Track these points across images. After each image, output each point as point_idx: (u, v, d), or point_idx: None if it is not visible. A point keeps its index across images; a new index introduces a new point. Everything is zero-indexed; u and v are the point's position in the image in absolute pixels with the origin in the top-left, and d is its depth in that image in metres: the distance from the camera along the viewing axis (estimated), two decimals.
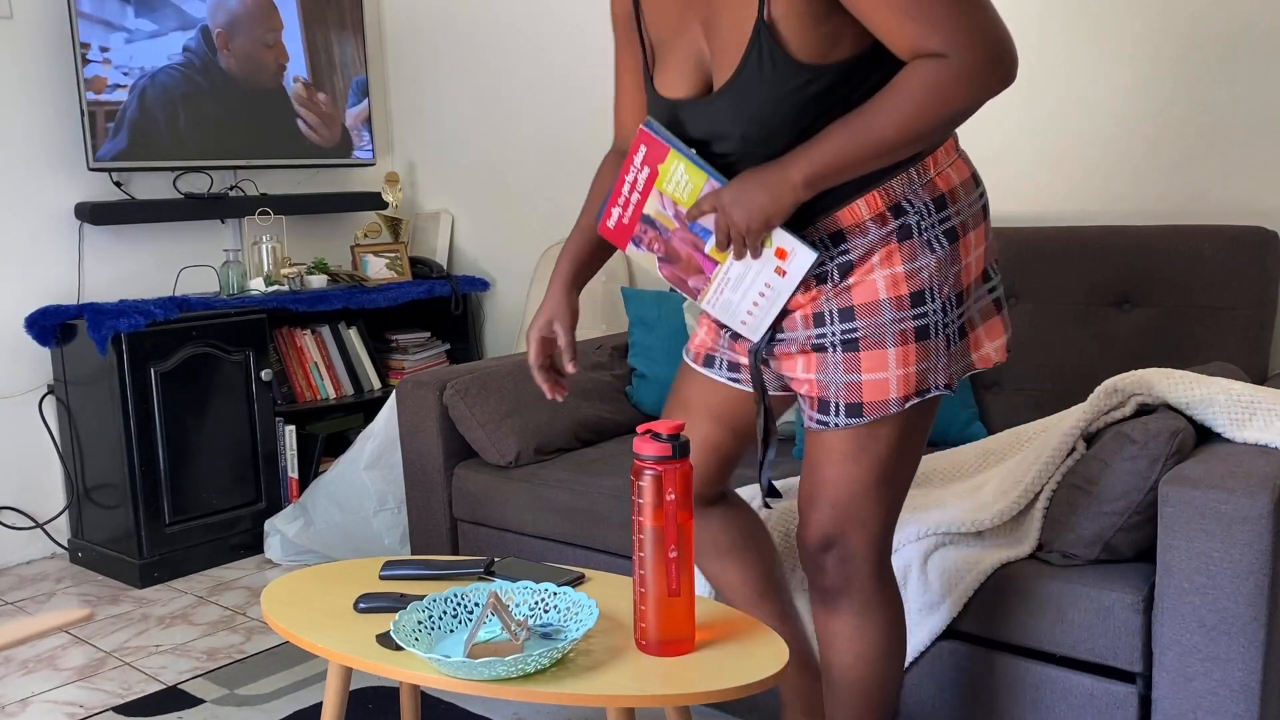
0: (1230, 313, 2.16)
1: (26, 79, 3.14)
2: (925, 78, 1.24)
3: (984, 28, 1.22)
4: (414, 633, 1.40)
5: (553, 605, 1.47)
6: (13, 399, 3.17)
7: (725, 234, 1.36)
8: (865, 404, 1.40)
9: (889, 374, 1.39)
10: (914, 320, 1.38)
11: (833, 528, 1.46)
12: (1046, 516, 1.71)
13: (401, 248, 3.74)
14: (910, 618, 1.79)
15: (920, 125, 1.26)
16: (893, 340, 1.38)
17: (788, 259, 1.39)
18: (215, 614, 2.76)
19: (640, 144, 1.41)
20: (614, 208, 1.49)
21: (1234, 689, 1.50)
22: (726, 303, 1.49)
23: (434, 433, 2.48)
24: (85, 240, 3.28)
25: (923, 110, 1.25)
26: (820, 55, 1.29)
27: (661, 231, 1.47)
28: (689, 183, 1.40)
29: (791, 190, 1.31)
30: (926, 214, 1.38)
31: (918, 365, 1.39)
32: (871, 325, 1.39)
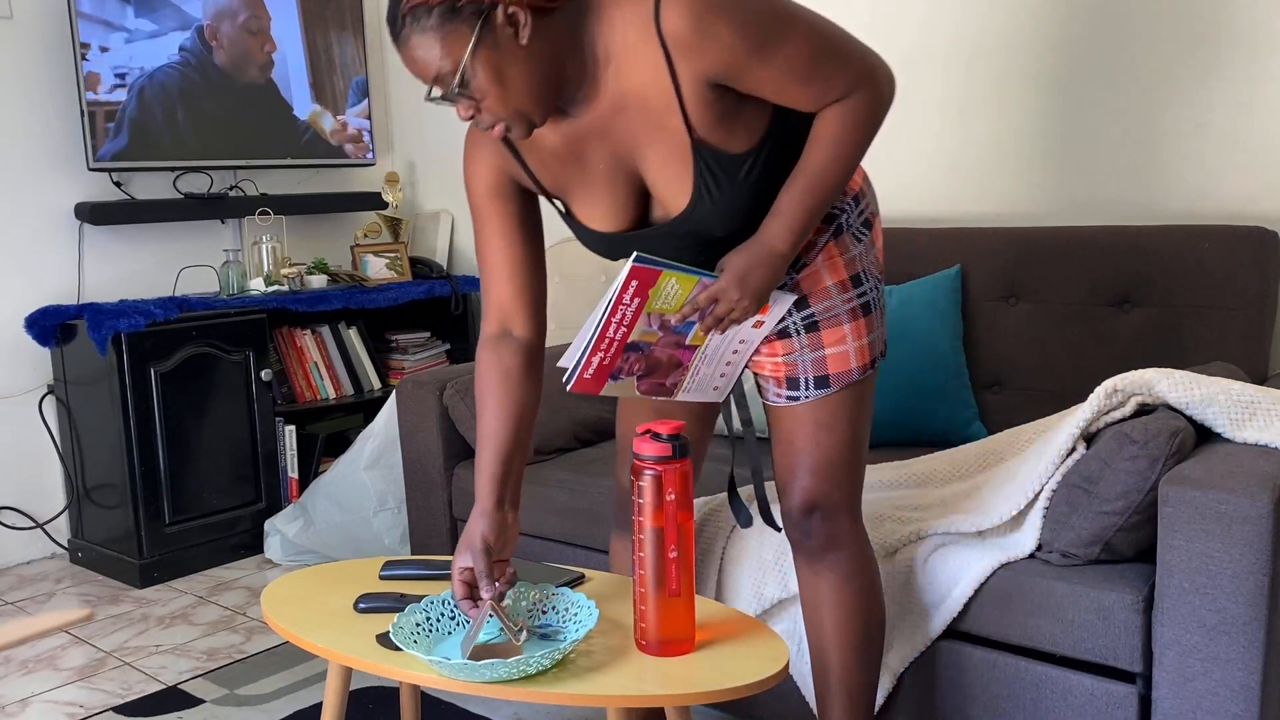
0: (1230, 313, 2.16)
1: (26, 79, 3.14)
2: (844, 121, 1.41)
3: (866, 64, 1.41)
4: (413, 635, 1.40)
5: (551, 606, 1.47)
6: (13, 399, 3.17)
7: (719, 318, 1.46)
8: (831, 375, 1.57)
9: (848, 347, 1.57)
10: (858, 299, 1.57)
11: (816, 493, 1.59)
12: (1046, 516, 1.71)
13: (401, 248, 3.74)
14: (910, 617, 1.79)
15: (853, 159, 1.43)
16: (847, 318, 1.56)
17: (767, 310, 1.52)
18: (215, 614, 2.76)
19: (632, 279, 1.41)
20: (594, 356, 1.48)
21: (1234, 689, 1.50)
22: (702, 380, 1.60)
23: (434, 433, 2.48)
24: (85, 240, 3.28)
25: (852, 147, 1.42)
26: (747, 141, 1.43)
27: (644, 349, 1.51)
28: (679, 290, 1.46)
29: (782, 259, 1.45)
30: (850, 210, 1.57)
31: (868, 337, 1.58)
32: (825, 308, 1.56)
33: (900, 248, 2.56)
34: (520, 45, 1.34)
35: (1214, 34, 2.34)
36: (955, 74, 2.71)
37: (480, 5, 1.31)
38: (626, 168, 1.47)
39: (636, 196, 1.50)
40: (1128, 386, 1.70)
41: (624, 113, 1.42)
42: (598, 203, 1.51)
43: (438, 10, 1.31)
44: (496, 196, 1.56)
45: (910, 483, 2.05)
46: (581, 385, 1.51)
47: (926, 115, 2.77)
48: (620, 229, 1.52)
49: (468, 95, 1.36)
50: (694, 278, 1.46)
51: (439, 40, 1.32)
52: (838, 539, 1.62)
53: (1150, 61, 2.43)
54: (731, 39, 1.33)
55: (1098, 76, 2.50)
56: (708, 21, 1.32)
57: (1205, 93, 2.37)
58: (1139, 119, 2.46)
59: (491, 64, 1.33)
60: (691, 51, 1.34)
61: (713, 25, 1.32)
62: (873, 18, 2.82)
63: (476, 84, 1.35)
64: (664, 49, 1.35)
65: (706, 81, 1.37)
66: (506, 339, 1.58)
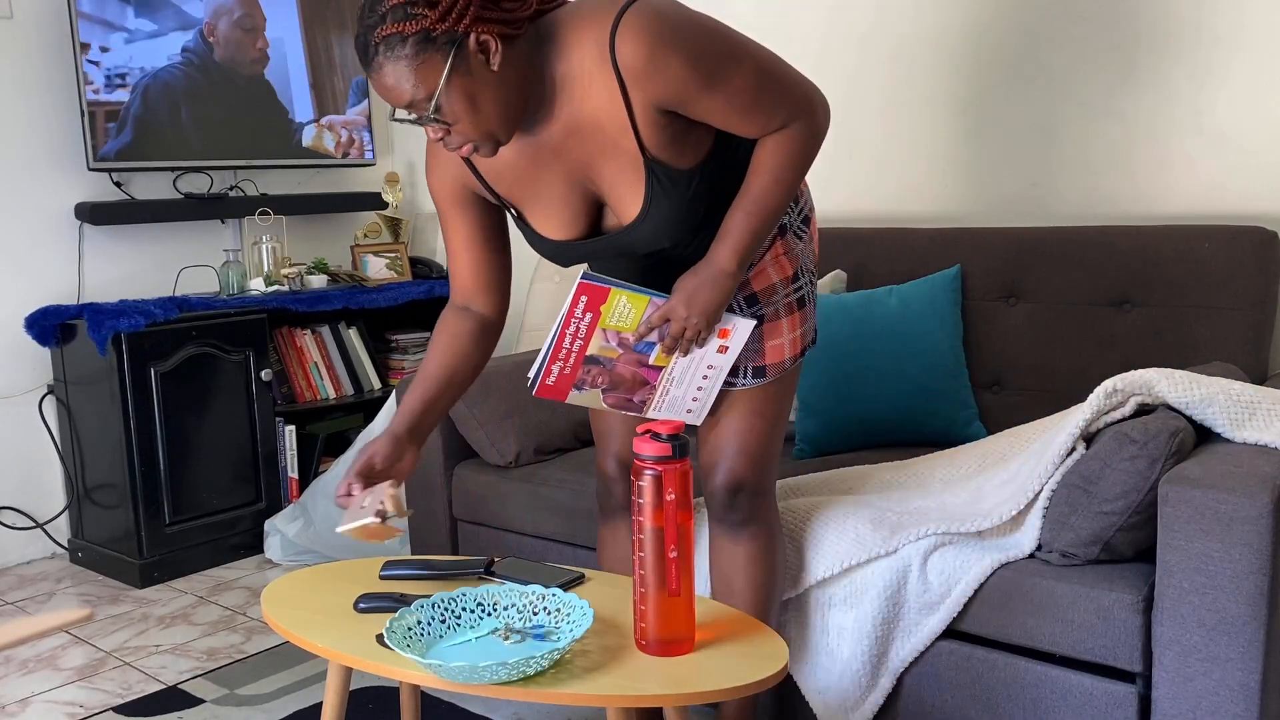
0: (1230, 313, 2.16)
1: (26, 79, 3.14)
2: (785, 147, 1.51)
3: (804, 95, 1.49)
4: (406, 637, 1.40)
5: (543, 608, 1.47)
6: (13, 399, 3.17)
7: (676, 338, 1.57)
8: (768, 366, 1.68)
9: (784, 339, 1.68)
10: (794, 294, 1.69)
11: (745, 472, 1.71)
12: (1046, 516, 1.71)
13: (401, 248, 3.74)
14: (910, 617, 1.79)
15: (793, 184, 1.53)
16: (785, 311, 1.68)
17: (729, 335, 1.61)
18: (215, 614, 2.76)
19: (580, 295, 1.52)
20: (553, 364, 1.59)
21: (1234, 689, 1.50)
22: (673, 400, 1.68)
23: (434, 433, 2.48)
24: (85, 240, 3.28)
25: (791, 173, 1.52)
26: (694, 158, 1.52)
27: (605, 364, 1.61)
28: (631, 309, 1.56)
29: (730, 278, 1.54)
30: (791, 211, 1.68)
31: (801, 329, 1.70)
32: (771, 303, 1.67)
33: (900, 248, 2.56)
34: (491, 71, 1.40)
35: (1214, 34, 2.34)
36: (954, 74, 2.71)
37: (454, 34, 1.36)
38: (581, 181, 1.56)
39: (589, 207, 1.59)
40: (1127, 386, 1.70)
41: (578, 133, 1.50)
42: (553, 213, 1.60)
43: (412, 39, 1.35)
44: (458, 204, 1.66)
45: (910, 483, 2.05)
46: (545, 391, 1.61)
47: (926, 115, 2.77)
48: (573, 237, 1.61)
49: (440, 120, 1.41)
50: (645, 297, 1.55)
51: (413, 69, 1.37)
52: (757, 515, 1.74)
53: (1150, 61, 2.43)
54: (681, 71, 1.41)
55: (1098, 76, 2.50)
56: (660, 54, 1.39)
57: (1205, 93, 2.37)
58: (1139, 119, 2.46)
59: (464, 90, 1.39)
60: (644, 80, 1.41)
61: (665, 57, 1.39)
62: (872, 18, 2.82)
63: (449, 109, 1.40)
64: (618, 76, 1.42)
65: (657, 108, 1.45)
66: (467, 311, 1.70)
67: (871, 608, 1.80)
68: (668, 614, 1.37)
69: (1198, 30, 2.36)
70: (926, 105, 2.76)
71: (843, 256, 2.63)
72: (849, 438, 2.35)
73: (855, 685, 1.83)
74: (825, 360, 2.33)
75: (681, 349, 1.59)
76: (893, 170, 2.84)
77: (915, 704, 1.82)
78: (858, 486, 2.06)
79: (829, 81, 2.91)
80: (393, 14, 1.35)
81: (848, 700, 1.84)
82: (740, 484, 1.72)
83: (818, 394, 2.33)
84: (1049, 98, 2.57)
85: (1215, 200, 2.39)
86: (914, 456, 2.28)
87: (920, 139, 2.78)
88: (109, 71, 3.13)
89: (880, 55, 2.82)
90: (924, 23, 2.74)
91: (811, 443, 2.35)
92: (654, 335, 1.59)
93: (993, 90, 2.66)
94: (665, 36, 1.39)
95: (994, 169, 2.68)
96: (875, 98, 2.85)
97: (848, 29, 2.87)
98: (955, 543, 1.78)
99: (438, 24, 1.35)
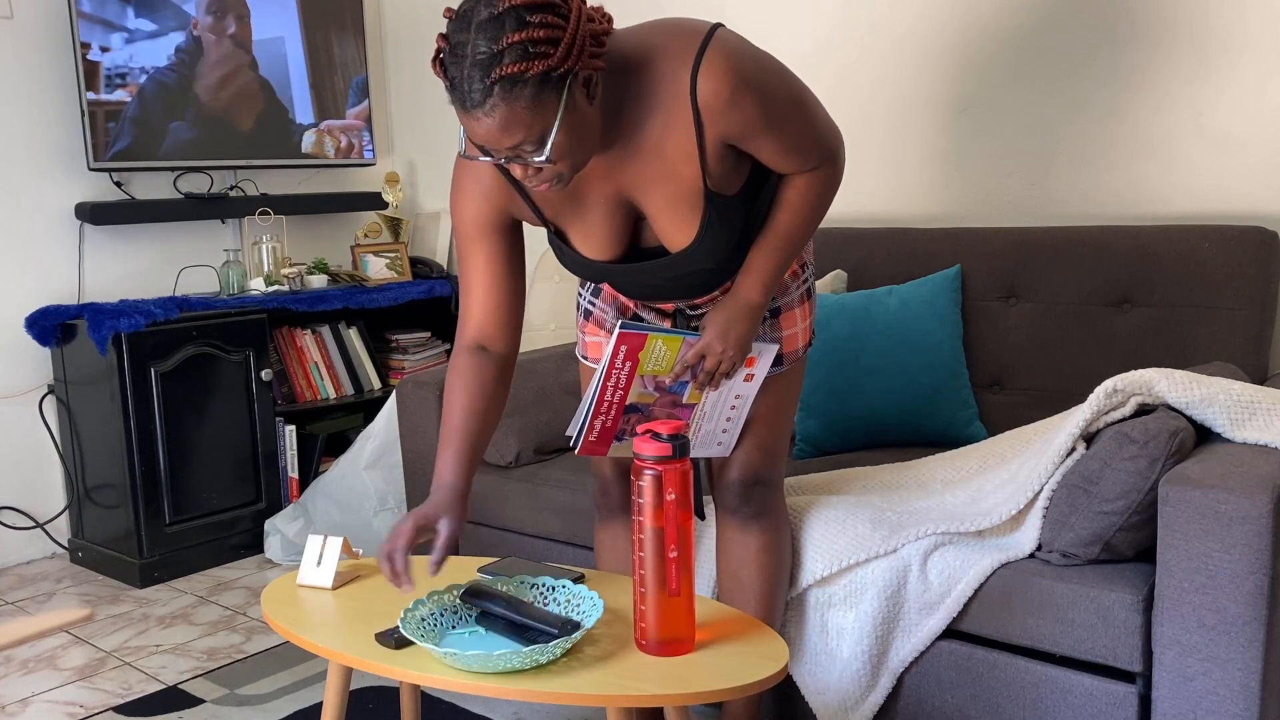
0: (1230, 313, 2.16)
1: (26, 79, 3.14)
2: (813, 189, 1.56)
3: (834, 141, 1.56)
4: (419, 629, 1.41)
5: (553, 599, 1.48)
6: (13, 399, 3.17)
7: (711, 373, 1.61)
8: (785, 355, 1.74)
9: (798, 328, 1.75)
10: (804, 285, 1.76)
11: (762, 466, 1.77)
12: (1046, 516, 1.71)
13: (401, 248, 3.74)
14: (910, 617, 1.79)
15: (815, 222, 1.60)
16: (797, 302, 1.75)
17: (755, 363, 1.67)
18: (215, 614, 2.76)
19: (620, 345, 1.55)
20: (596, 419, 1.61)
21: (1234, 689, 1.50)
22: (705, 436, 1.72)
23: (434, 433, 2.48)
24: (85, 240, 3.28)
25: (817, 211, 1.58)
26: (739, 184, 1.55)
27: (644, 410, 1.64)
28: (667, 351, 1.60)
29: (757, 310, 1.60)
30: None
31: (810, 319, 1.78)
32: (786, 295, 1.73)
33: (900, 248, 2.56)
34: (591, 106, 1.37)
35: (1214, 33, 2.34)
36: (954, 74, 2.71)
37: (567, 72, 1.29)
38: (626, 204, 1.55)
39: (629, 226, 1.58)
40: (1128, 386, 1.70)
41: (636, 157, 1.49)
42: (593, 233, 1.57)
43: (533, 80, 1.27)
44: (485, 233, 1.59)
45: (911, 484, 2.05)
46: (588, 448, 1.63)
47: (926, 115, 2.77)
48: (610, 257, 1.59)
49: (548, 160, 1.35)
50: (678, 338, 1.58)
51: (532, 110, 1.29)
52: (769, 507, 1.79)
53: (1150, 61, 2.43)
54: (754, 112, 1.44)
55: (1098, 76, 2.50)
56: (740, 94, 1.42)
57: (1205, 93, 2.37)
58: (1139, 119, 2.46)
59: (573, 128, 1.34)
60: (720, 117, 1.44)
61: (744, 97, 1.42)
62: (873, 18, 2.82)
63: (557, 147, 1.34)
64: (695, 110, 1.43)
65: (723, 141, 1.48)
66: (483, 353, 1.62)
67: (871, 607, 1.80)
68: (668, 614, 1.37)
69: (1198, 30, 2.36)
70: (927, 105, 2.76)
71: (843, 256, 2.63)
72: (849, 438, 2.35)
73: (855, 685, 1.83)
74: (825, 360, 2.33)
75: (714, 384, 1.63)
76: (893, 170, 2.84)
77: (915, 704, 1.82)
78: (858, 487, 2.06)
79: (829, 81, 2.92)
80: (511, 52, 1.26)
81: (848, 700, 1.84)
82: (756, 477, 1.77)
83: (818, 394, 2.33)
84: (1049, 98, 2.57)
85: (1215, 200, 2.39)
86: (914, 456, 2.28)
87: (920, 139, 2.78)
88: (109, 71, 3.13)
89: (880, 55, 2.82)
90: (924, 22, 2.74)
91: (811, 443, 2.35)
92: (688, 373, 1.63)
93: (993, 90, 2.66)
94: (747, 77, 1.42)
95: (994, 169, 2.68)
96: (875, 98, 2.85)
97: (849, 29, 2.87)
98: (955, 542, 1.78)
99: (562, 64, 1.28)
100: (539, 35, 1.26)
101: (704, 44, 1.41)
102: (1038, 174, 2.62)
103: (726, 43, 1.43)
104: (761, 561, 1.79)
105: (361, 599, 1.60)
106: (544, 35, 1.26)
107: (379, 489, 2.99)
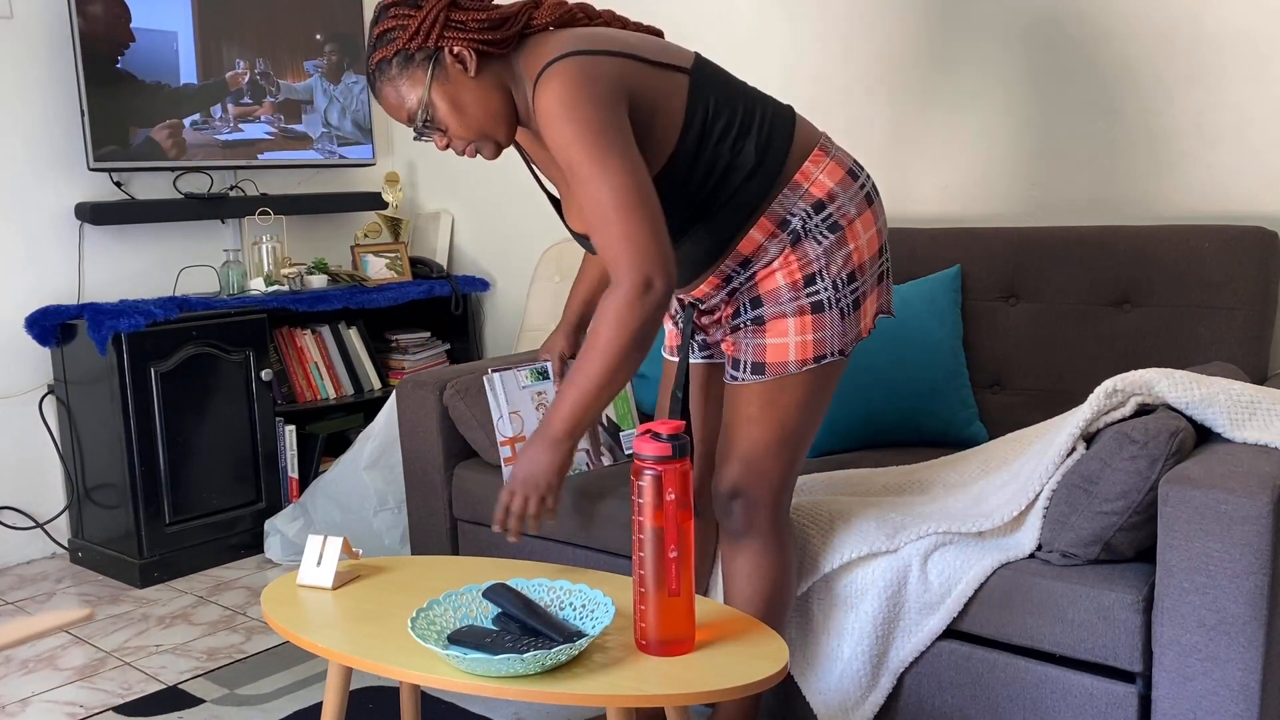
0: (1230, 313, 2.16)
1: (26, 79, 3.14)
2: (606, 312, 1.51)
3: (628, 262, 1.48)
4: (428, 631, 1.41)
5: (569, 604, 1.48)
6: (13, 399, 3.17)
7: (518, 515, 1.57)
8: (768, 364, 1.65)
9: (789, 340, 1.64)
10: (808, 297, 1.64)
11: (739, 480, 1.70)
12: (1046, 516, 1.71)
13: (401, 248, 3.74)
14: (910, 617, 1.79)
15: (616, 349, 1.50)
16: (793, 313, 1.64)
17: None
18: (215, 614, 2.76)
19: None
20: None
21: (1234, 689, 1.50)
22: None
23: (434, 433, 2.48)
24: (85, 240, 3.28)
25: (613, 339, 1.50)
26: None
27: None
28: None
29: (560, 441, 1.56)
30: (809, 217, 1.64)
31: (814, 334, 1.64)
32: (774, 306, 1.65)
33: (900, 248, 2.56)
34: (470, 79, 1.59)
35: (1214, 34, 2.34)
36: (954, 74, 2.71)
37: (429, 49, 1.56)
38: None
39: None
40: (1128, 386, 1.70)
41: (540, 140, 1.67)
42: (570, 205, 1.71)
43: (395, 59, 1.57)
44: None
45: (914, 488, 2.05)
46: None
47: (926, 115, 2.77)
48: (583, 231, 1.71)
49: (436, 127, 1.61)
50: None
51: (401, 84, 1.59)
52: (755, 528, 1.71)
53: (1150, 61, 2.43)
54: (560, 140, 1.51)
55: (1098, 76, 2.50)
56: (554, 116, 1.50)
57: (1205, 93, 2.37)
58: (1139, 119, 2.46)
59: (448, 96, 1.59)
60: (542, 128, 1.54)
61: (555, 122, 1.50)
62: (873, 18, 2.82)
63: (439, 115, 1.60)
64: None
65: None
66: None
67: (872, 608, 1.80)
68: (668, 614, 1.37)
69: (1197, 30, 2.36)
70: (927, 105, 2.76)
71: None
72: (849, 438, 2.35)
73: (855, 685, 1.83)
74: None
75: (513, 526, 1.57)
76: (893, 170, 2.84)
77: (915, 704, 1.82)
78: (861, 490, 2.06)
79: (830, 82, 2.92)
80: (378, 42, 1.59)
81: (848, 700, 1.84)
82: (735, 490, 1.70)
83: None
84: (1049, 98, 2.57)
85: (1215, 200, 2.39)
86: (914, 456, 2.28)
87: (920, 139, 2.78)
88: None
89: (881, 55, 2.82)
90: (924, 23, 2.74)
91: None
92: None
93: (993, 90, 2.66)
94: (566, 102, 1.49)
95: (994, 169, 2.68)
96: (875, 98, 2.85)
97: (849, 29, 2.87)
98: (955, 543, 1.78)
99: (409, 42, 1.55)
100: (391, 25, 1.57)
101: (561, 55, 1.53)
102: (1038, 174, 2.62)
103: (575, 64, 1.51)
104: (750, 587, 1.73)
105: (362, 599, 1.60)
106: (394, 25, 1.56)
107: (379, 489, 2.99)
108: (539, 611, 1.43)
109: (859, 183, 1.68)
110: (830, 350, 1.66)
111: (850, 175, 1.68)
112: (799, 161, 1.65)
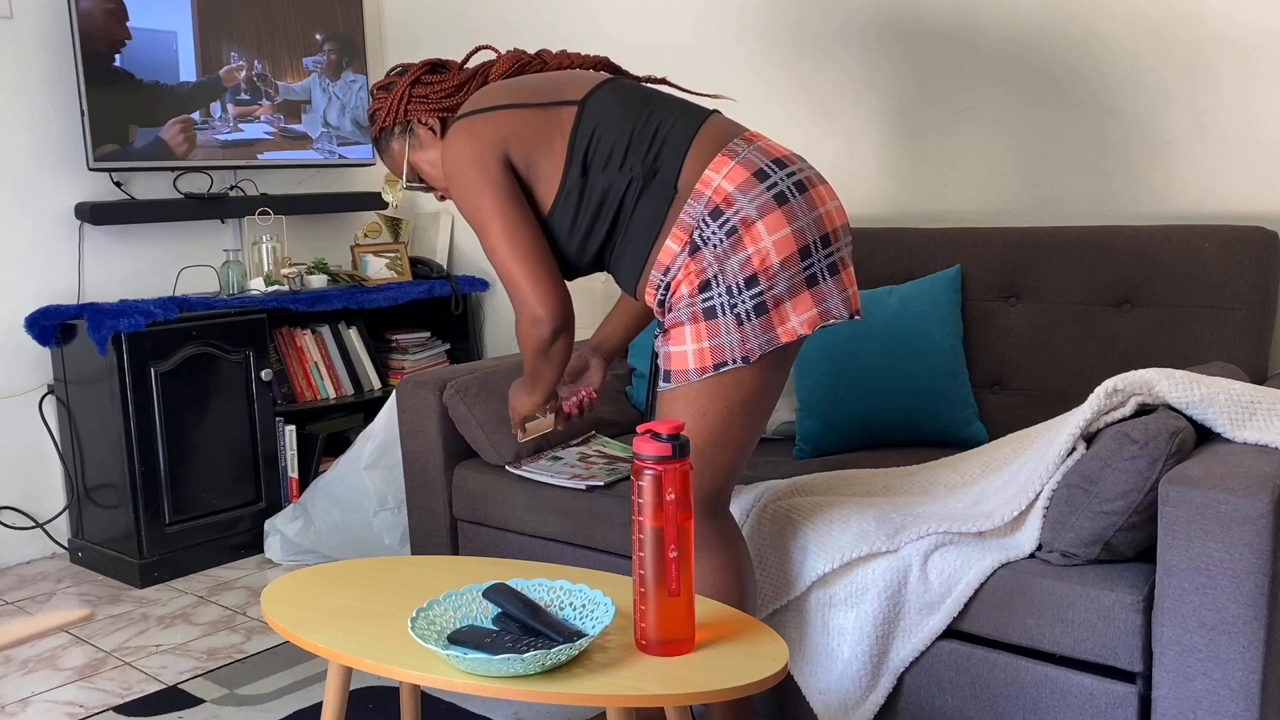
0: (1230, 313, 2.16)
1: (26, 79, 3.14)
2: (517, 334, 1.77)
3: (521, 298, 1.71)
4: (427, 631, 1.41)
5: (569, 603, 1.48)
6: (13, 399, 3.17)
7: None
8: (673, 372, 1.69)
9: (687, 347, 1.66)
10: (702, 303, 1.65)
11: None
12: (1046, 516, 1.71)
13: (401, 248, 3.74)
14: (910, 617, 1.79)
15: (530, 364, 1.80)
16: (688, 319, 1.66)
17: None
18: (215, 614, 2.76)
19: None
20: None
21: (1234, 689, 1.50)
22: None
23: (434, 433, 2.48)
24: (85, 240, 3.28)
25: (525, 355, 1.79)
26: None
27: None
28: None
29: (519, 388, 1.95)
30: (706, 225, 1.65)
31: (710, 341, 1.64)
32: (674, 313, 1.68)
33: (900, 248, 2.56)
34: (440, 139, 1.86)
35: (1214, 34, 2.34)
36: (954, 73, 2.71)
37: (405, 125, 1.89)
38: None
39: None
40: (1128, 386, 1.70)
41: None
42: None
43: (381, 135, 1.92)
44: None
45: (914, 489, 2.05)
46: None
47: (926, 115, 2.77)
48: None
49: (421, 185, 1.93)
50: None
51: (389, 153, 1.92)
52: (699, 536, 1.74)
53: (1150, 61, 2.43)
54: (454, 198, 1.77)
55: (1098, 76, 2.50)
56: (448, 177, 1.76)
57: (1205, 93, 2.37)
58: (1139, 119, 2.46)
59: (424, 159, 1.89)
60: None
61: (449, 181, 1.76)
62: (872, 17, 2.82)
63: (423, 173, 1.91)
64: None
65: None
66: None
67: (872, 608, 1.80)
68: (668, 614, 1.37)
69: (1198, 30, 2.36)
70: (926, 105, 2.76)
71: None
72: (849, 438, 2.35)
73: (855, 685, 1.83)
74: (825, 360, 2.33)
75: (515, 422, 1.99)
76: (892, 170, 2.84)
77: (915, 704, 1.82)
78: (861, 490, 2.06)
79: (829, 83, 2.92)
80: (369, 121, 1.93)
81: (848, 700, 1.84)
82: None
83: (818, 394, 2.33)
84: (1049, 98, 2.57)
85: (1215, 200, 2.39)
86: (914, 457, 2.28)
87: (919, 139, 2.78)
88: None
89: (880, 55, 2.82)
90: (924, 22, 2.74)
91: (811, 443, 2.35)
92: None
93: (992, 90, 2.66)
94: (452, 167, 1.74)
95: (994, 169, 2.68)
96: (875, 98, 2.85)
97: (848, 29, 2.87)
98: (956, 543, 1.78)
99: (386, 119, 1.88)
100: (375, 107, 1.91)
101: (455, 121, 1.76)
102: (1038, 174, 2.62)
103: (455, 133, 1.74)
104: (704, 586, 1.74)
105: (361, 599, 1.60)
106: (377, 107, 1.91)
107: (379, 489, 2.99)
108: (539, 611, 1.43)
109: (767, 184, 1.63)
110: (731, 358, 1.63)
111: (757, 176, 1.63)
112: (699, 169, 1.66)
